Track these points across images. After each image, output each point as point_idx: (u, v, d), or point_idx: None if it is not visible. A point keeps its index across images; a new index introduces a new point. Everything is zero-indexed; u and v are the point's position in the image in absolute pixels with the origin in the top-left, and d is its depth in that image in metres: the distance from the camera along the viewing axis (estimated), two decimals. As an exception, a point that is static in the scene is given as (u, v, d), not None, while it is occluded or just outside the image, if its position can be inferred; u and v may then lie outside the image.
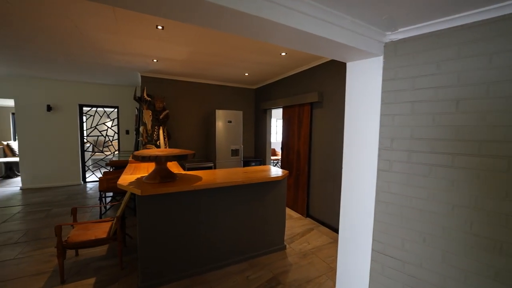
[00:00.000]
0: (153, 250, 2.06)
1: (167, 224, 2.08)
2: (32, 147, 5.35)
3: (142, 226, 1.99)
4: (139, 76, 4.61)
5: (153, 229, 2.03)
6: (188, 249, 2.21)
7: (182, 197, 2.10)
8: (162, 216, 2.06)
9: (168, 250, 2.12)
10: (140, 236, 2.00)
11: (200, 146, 5.19)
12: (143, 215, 1.99)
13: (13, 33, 2.63)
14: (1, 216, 3.75)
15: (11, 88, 5.12)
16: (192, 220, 2.19)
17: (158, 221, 2.04)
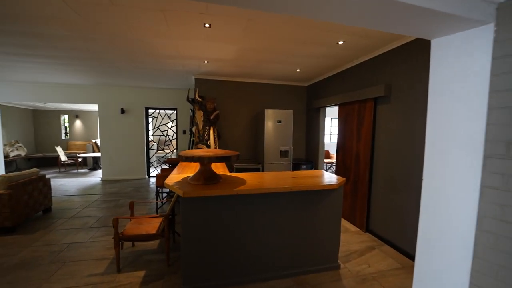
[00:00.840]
0: (195, 253, 1.99)
1: (209, 228, 1.99)
2: (109, 144, 6.27)
3: (185, 227, 1.94)
4: (193, 78, 4.82)
5: (195, 231, 1.96)
6: (230, 256, 2.07)
7: (224, 200, 1.98)
8: (204, 219, 1.97)
9: (210, 255, 2.03)
10: (183, 237, 1.96)
11: (249, 146, 5.12)
12: (185, 216, 1.94)
13: (90, 46, 3.02)
14: (84, 202, 4.44)
15: (95, 95, 6.10)
16: (234, 226, 2.04)
17: (200, 223, 1.97)
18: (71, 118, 9.04)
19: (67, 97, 5.97)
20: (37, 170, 3.75)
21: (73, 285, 2.14)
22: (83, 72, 4.52)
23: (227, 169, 2.94)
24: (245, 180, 2.22)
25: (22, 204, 3.29)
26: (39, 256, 2.59)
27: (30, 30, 2.54)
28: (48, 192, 3.88)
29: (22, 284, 2.15)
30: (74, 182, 6.04)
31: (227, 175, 2.41)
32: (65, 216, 3.75)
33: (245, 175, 2.43)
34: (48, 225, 3.41)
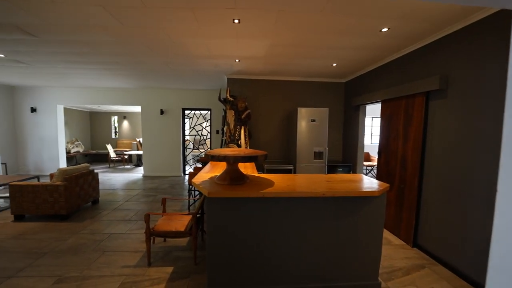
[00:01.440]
0: (220, 255, 1.92)
1: (234, 230, 1.90)
2: (150, 143, 6.72)
3: (210, 228, 1.89)
4: (225, 78, 4.86)
5: (220, 233, 1.89)
6: (255, 261, 1.95)
7: (250, 202, 1.86)
8: (229, 220, 1.89)
9: (235, 258, 1.93)
10: (208, 238, 1.90)
11: (281, 147, 4.96)
12: (210, 216, 1.88)
13: (129, 51, 3.22)
14: (127, 196, 4.81)
15: (139, 97, 6.60)
16: (261, 230, 1.91)
17: (225, 224, 1.89)
18: (119, 119, 10.01)
19: (115, 99, 6.59)
20: (87, 165, 4.16)
21: (108, 274, 2.27)
22: (127, 76, 4.90)
23: (256, 170, 2.83)
24: (274, 182, 2.08)
25: (74, 195, 3.67)
26: (84, 244, 2.84)
27: (80, 38, 2.79)
28: (96, 185, 4.28)
29: (68, 268, 2.35)
30: (119, 177, 6.63)
31: (255, 176, 2.30)
32: (109, 207, 4.09)
33: (275, 177, 2.28)
34: (95, 215, 3.74)
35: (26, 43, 2.99)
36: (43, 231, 3.17)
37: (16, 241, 2.89)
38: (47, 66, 4.08)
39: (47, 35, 2.72)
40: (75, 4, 2.05)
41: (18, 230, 3.18)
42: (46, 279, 2.19)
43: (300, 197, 1.87)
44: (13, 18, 2.33)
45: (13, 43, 2.98)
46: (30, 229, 3.23)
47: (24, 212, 3.49)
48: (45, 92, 6.46)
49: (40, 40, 2.90)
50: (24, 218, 3.57)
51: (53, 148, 6.57)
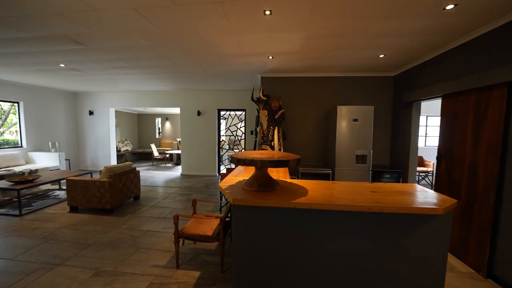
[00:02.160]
0: (246, 267, 1.75)
1: (261, 242, 1.71)
2: (188, 143, 6.98)
3: (235, 237, 1.73)
4: (259, 77, 4.72)
5: (246, 243, 1.72)
6: (284, 277, 1.73)
7: (279, 213, 1.65)
8: (255, 231, 1.70)
9: (261, 272, 1.74)
10: (234, 247, 1.75)
11: (318, 149, 4.60)
12: (236, 225, 1.72)
13: (165, 53, 3.29)
14: (164, 193, 5.03)
15: (178, 99, 6.92)
16: (291, 245, 1.68)
17: (251, 235, 1.71)
18: (163, 120, 10.73)
19: (157, 102, 7.02)
20: (130, 163, 4.45)
21: (139, 273, 2.30)
22: (166, 79, 5.13)
23: (289, 174, 2.60)
24: (308, 190, 1.83)
25: (118, 191, 3.94)
26: (122, 238, 2.98)
27: (121, 44, 2.95)
28: (138, 182, 4.55)
29: (105, 262, 2.47)
30: (160, 175, 7.04)
31: (287, 182, 2.08)
32: (148, 204, 4.31)
33: (310, 184, 2.02)
34: (135, 211, 3.96)
35: (78, 52, 3.29)
36: (90, 223, 3.45)
37: (68, 231, 3.19)
38: (98, 73, 4.49)
39: (94, 43, 2.93)
40: (112, 9, 2.11)
41: (71, 221, 3.52)
42: (86, 271, 2.32)
43: (340, 211, 1.58)
44: (65, 30, 2.54)
45: (68, 53, 3.31)
46: (81, 220, 3.55)
47: (77, 204, 3.87)
48: (100, 96, 7.24)
49: (89, 49, 3.15)
50: (78, 209, 3.96)
51: (106, 147, 7.32)
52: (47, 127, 6.45)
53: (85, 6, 2.08)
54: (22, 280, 2.19)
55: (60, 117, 6.85)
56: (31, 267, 2.39)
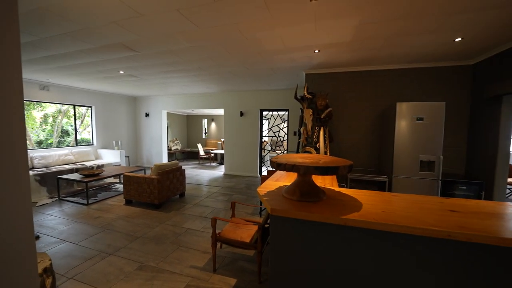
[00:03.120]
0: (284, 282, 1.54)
1: (302, 258, 1.47)
2: (230, 143, 7.09)
3: (273, 249, 1.54)
4: (303, 75, 4.43)
5: (285, 257, 1.51)
6: (331, 308, 1.46)
7: (326, 229, 1.39)
8: (296, 246, 1.48)
9: (304, 297, 1.51)
10: (271, 261, 1.56)
11: (371, 152, 4.06)
12: (274, 236, 1.53)
13: (208, 54, 3.31)
14: (207, 192, 5.15)
15: (222, 100, 7.08)
16: (339, 267, 1.40)
17: (290, 249, 1.49)
18: (208, 121, 11.25)
19: (203, 103, 7.33)
20: (177, 162, 4.69)
21: (177, 272, 2.31)
22: (211, 81, 5.26)
23: (336, 182, 2.28)
24: (361, 202, 1.52)
25: (165, 187, 4.17)
26: (165, 235, 3.09)
27: (167, 48, 3.07)
28: (183, 180, 4.76)
29: (149, 256, 2.57)
30: (205, 174, 7.32)
31: (335, 192, 1.79)
32: (192, 202, 4.45)
33: (364, 195, 1.69)
34: (179, 207, 4.13)
35: (133, 59, 3.57)
36: (140, 216, 3.71)
37: (122, 222, 3.48)
38: (151, 77, 4.86)
39: (144, 49, 3.12)
40: (156, 13, 2.16)
41: (125, 213, 3.85)
42: (132, 263, 2.44)
43: (404, 234, 1.24)
44: (120, 38, 2.75)
45: (125, 60, 3.62)
46: (133, 213, 3.86)
47: (131, 198, 4.24)
48: (154, 100, 7.94)
49: (141, 55, 3.38)
50: (132, 203, 4.34)
51: (158, 146, 7.99)
52: (112, 128, 7.37)
53: (133, 12, 2.17)
54: (81, 265, 2.42)
55: (123, 119, 7.76)
56: (90, 254, 2.64)
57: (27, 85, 5.18)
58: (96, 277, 2.22)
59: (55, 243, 2.86)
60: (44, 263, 1.82)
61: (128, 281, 2.18)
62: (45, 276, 1.77)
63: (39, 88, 5.39)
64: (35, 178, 4.54)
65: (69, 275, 2.26)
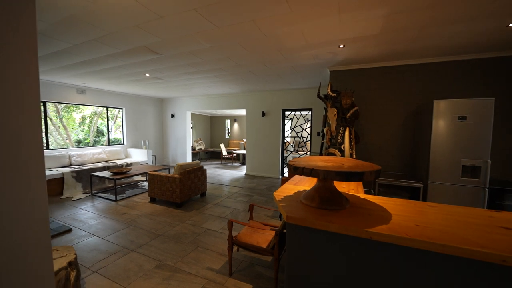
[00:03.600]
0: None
1: (321, 273, 1.34)
2: (252, 143, 7.04)
3: (289, 261, 1.43)
4: (327, 72, 4.21)
5: (301, 269, 1.39)
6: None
7: (348, 242, 1.24)
8: (314, 258, 1.35)
9: (322, 314, 1.37)
10: (287, 272, 1.45)
11: (402, 155, 3.72)
12: (290, 245, 1.41)
13: (228, 54, 3.28)
14: (228, 192, 5.16)
15: (244, 101, 7.07)
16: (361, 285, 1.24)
17: (308, 261, 1.36)
18: (231, 121, 11.36)
19: (225, 104, 7.39)
20: (198, 162, 4.75)
21: (194, 273, 2.29)
22: (232, 82, 5.26)
23: (362, 187, 2.08)
24: (391, 213, 1.34)
25: (187, 187, 4.24)
26: (185, 234, 3.12)
27: (187, 49, 3.10)
28: (204, 180, 4.81)
29: (167, 255, 2.60)
30: (227, 173, 7.37)
31: (360, 199, 1.62)
32: (212, 202, 4.48)
33: (394, 204, 1.51)
34: (200, 207, 4.17)
35: (156, 61, 3.68)
36: (163, 214, 3.81)
37: (146, 219, 3.60)
38: (174, 79, 5.00)
39: (166, 51, 3.19)
40: (174, 13, 2.17)
41: (149, 210, 3.99)
42: (151, 261, 2.49)
43: (442, 254, 1.04)
44: (143, 41, 2.83)
45: (149, 63, 3.75)
46: (156, 210, 3.98)
47: (156, 196, 4.39)
48: (179, 101, 8.21)
49: (164, 57, 3.46)
50: (156, 200, 4.49)
51: (183, 145, 8.25)
52: (141, 128, 7.77)
53: (153, 15, 2.20)
54: (106, 259, 2.53)
55: (150, 119, 8.14)
56: (114, 249, 2.75)
57: (66, 89, 5.66)
58: (118, 273, 2.30)
59: (85, 237, 3.04)
60: (69, 257, 1.91)
61: (147, 279, 2.21)
62: (69, 269, 1.86)
63: (76, 91, 5.87)
64: (72, 174, 4.93)
65: (94, 268, 2.37)
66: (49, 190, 4.63)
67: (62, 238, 3.01)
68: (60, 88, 5.54)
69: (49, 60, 3.69)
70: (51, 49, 3.19)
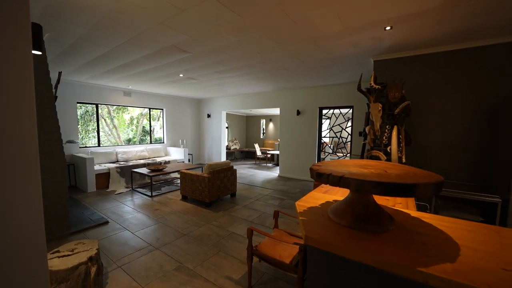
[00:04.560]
0: None
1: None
2: (286, 144, 6.73)
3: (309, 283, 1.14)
4: (371, 62, 3.66)
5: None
6: None
7: (391, 281, 0.90)
8: (345, 296, 1.03)
9: None
10: (308, 306, 1.16)
11: (472, 161, 2.98)
12: (311, 272, 1.12)
13: (257, 48, 3.06)
14: (258, 194, 4.96)
15: (277, 99, 6.80)
16: None
17: (336, 299, 1.05)
18: (266, 121, 11.17)
19: (259, 103, 7.23)
20: (228, 161, 4.67)
21: (211, 280, 2.14)
22: (263, 79, 5.04)
23: (414, 202, 1.63)
24: (456, 242, 0.94)
25: (215, 187, 4.18)
26: (209, 235, 3.02)
27: (214, 45, 2.99)
28: (234, 180, 4.70)
29: (189, 257, 2.51)
30: (260, 174, 7.19)
31: (410, 217, 1.22)
32: (241, 203, 4.34)
33: (460, 227, 1.08)
34: (228, 208, 4.07)
35: (187, 61, 3.69)
36: (191, 213, 3.81)
37: (174, 217, 3.63)
38: (207, 79, 5.02)
39: (195, 48, 3.14)
40: (194, 4, 2.04)
41: (179, 208, 4.04)
42: (172, 262, 2.43)
43: None
44: (171, 40, 2.82)
45: (181, 63, 3.78)
46: (185, 209, 4.01)
47: (187, 194, 4.44)
48: (215, 101, 8.36)
49: (194, 55, 3.44)
50: (187, 199, 4.55)
51: (218, 145, 8.38)
52: (179, 128, 8.16)
53: (174, 9, 2.12)
54: (131, 255, 2.57)
55: (188, 120, 8.49)
56: (140, 245, 2.79)
57: (114, 92, 6.24)
58: (138, 271, 2.28)
59: (118, 230, 3.19)
60: (91, 252, 1.93)
61: (164, 281, 2.14)
62: (90, 264, 1.88)
63: (123, 94, 6.41)
64: (116, 170, 5.37)
65: (120, 263, 2.41)
66: (98, 183, 5.12)
67: (99, 229, 3.20)
68: (109, 91, 6.12)
69: (95, 65, 4.03)
70: (95, 54, 3.44)
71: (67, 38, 2.87)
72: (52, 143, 2.84)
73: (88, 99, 5.79)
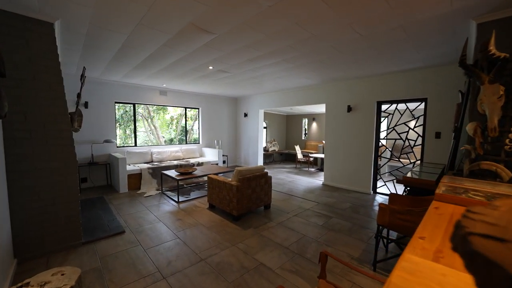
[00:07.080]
0: None
1: None
2: (333, 146, 5.65)
3: None
4: (472, 28, 2.45)
5: None
6: None
7: None
8: None
9: None
10: None
11: None
12: None
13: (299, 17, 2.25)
14: (298, 208, 4.08)
15: (323, 94, 5.77)
16: None
17: None
18: (309, 120, 10.09)
19: (301, 99, 6.31)
20: (262, 167, 3.93)
21: None
22: (307, 67, 4.14)
23: None
24: None
25: (246, 197, 3.48)
26: (231, 265, 2.32)
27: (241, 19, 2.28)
28: (269, 189, 3.94)
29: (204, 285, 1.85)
30: (300, 181, 6.26)
31: None
32: (276, 219, 3.54)
33: None
34: (260, 225, 3.32)
35: (213, 46, 3.10)
36: (216, 227, 3.19)
37: (196, 232, 3.06)
38: (239, 70, 4.36)
39: (218, 27, 2.50)
40: None
41: (204, 220, 3.47)
42: (176, 307, 1.80)
43: None
44: (187, 14, 2.23)
45: (207, 49, 3.20)
46: (211, 221, 3.42)
47: (213, 202, 3.87)
48: (252, 99, 7.74)
49: (219, 39, 2.82)
50: (214, 208, 3.97)
51: (255, 146, 7.74)
52: (215, 128, 7.79)
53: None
54: (131, 284, 2.04)
55: (224, 119, 8.08)
56: (148, 269, 2.26)
57: (151, 91, 6.15)
58: (130, 316, 1.71)
59: (131, 244, 2.76)
60: None
61: None
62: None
63: (159, 93, 6.30)
64: (148, 171, 5.17)
65: (115, 297, 1.90)
66: (130, 184, 4.98)
67: (112, 241, 2.83)
68: (145, 90, 6.05)
69: (121, 60, 3.77)
70: (114, 45, 3.12)
71: (80, 26, 2.55)
72: (63, 142, 2.55)
73: (125, 99, 5.79)
